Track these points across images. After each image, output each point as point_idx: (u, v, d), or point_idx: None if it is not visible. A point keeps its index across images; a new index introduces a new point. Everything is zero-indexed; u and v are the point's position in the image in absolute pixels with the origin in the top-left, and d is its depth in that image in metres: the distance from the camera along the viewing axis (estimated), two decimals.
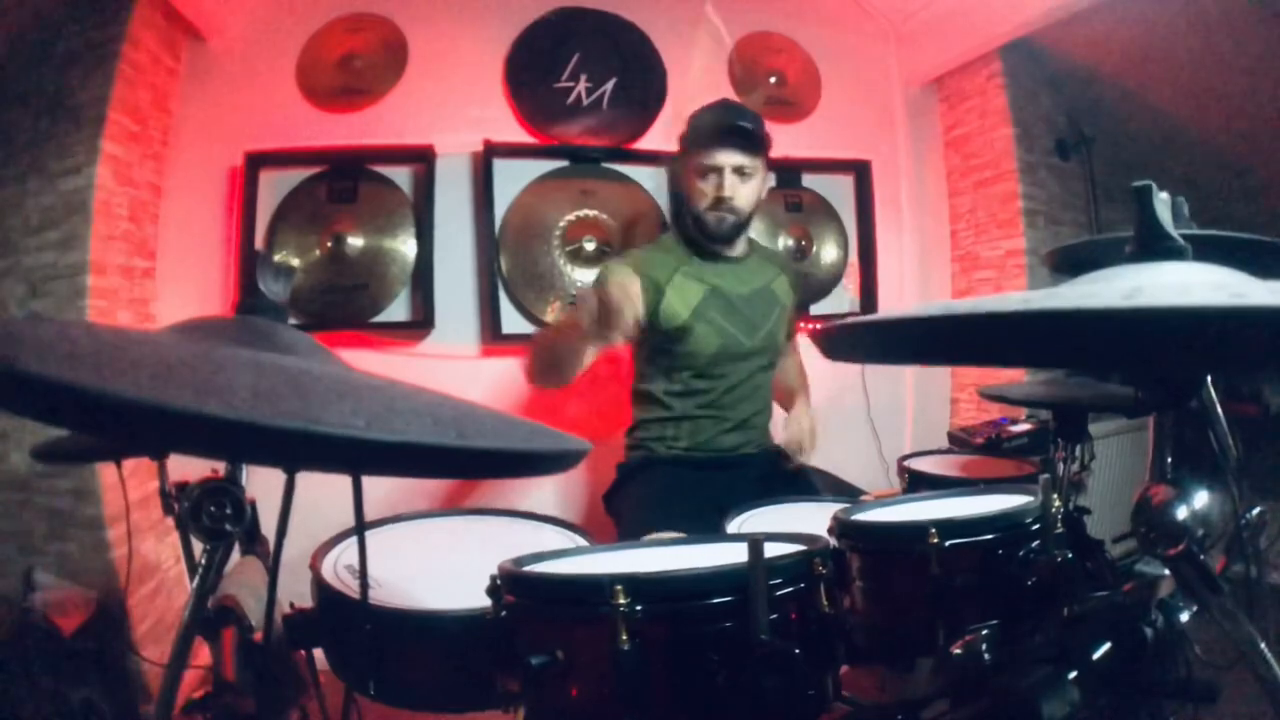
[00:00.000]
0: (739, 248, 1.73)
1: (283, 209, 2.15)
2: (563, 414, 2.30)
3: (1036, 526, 0.89)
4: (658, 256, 1.68)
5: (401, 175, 2.23)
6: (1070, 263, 1.32)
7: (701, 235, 1.67)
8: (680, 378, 1.66)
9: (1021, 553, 0.87)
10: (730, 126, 1.58)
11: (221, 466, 0.71)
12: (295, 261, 2.12)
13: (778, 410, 1.82)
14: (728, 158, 1.59)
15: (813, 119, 2.58)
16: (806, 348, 1.90)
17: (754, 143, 1.61)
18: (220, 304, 2.13)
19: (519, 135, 2.31)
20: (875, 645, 0.94)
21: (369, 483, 0.64)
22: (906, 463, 1.61)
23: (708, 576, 0.71)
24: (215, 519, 0.68)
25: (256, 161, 2.12)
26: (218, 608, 0.78)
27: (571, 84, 2.33)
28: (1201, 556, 0.67)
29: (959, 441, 1.90)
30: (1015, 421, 1.86)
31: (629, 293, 1.49)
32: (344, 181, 2.18)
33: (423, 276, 2.19)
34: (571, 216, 2.31)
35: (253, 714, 0.74)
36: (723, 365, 1.66)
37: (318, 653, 0.92)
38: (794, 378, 1.86)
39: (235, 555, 0.89)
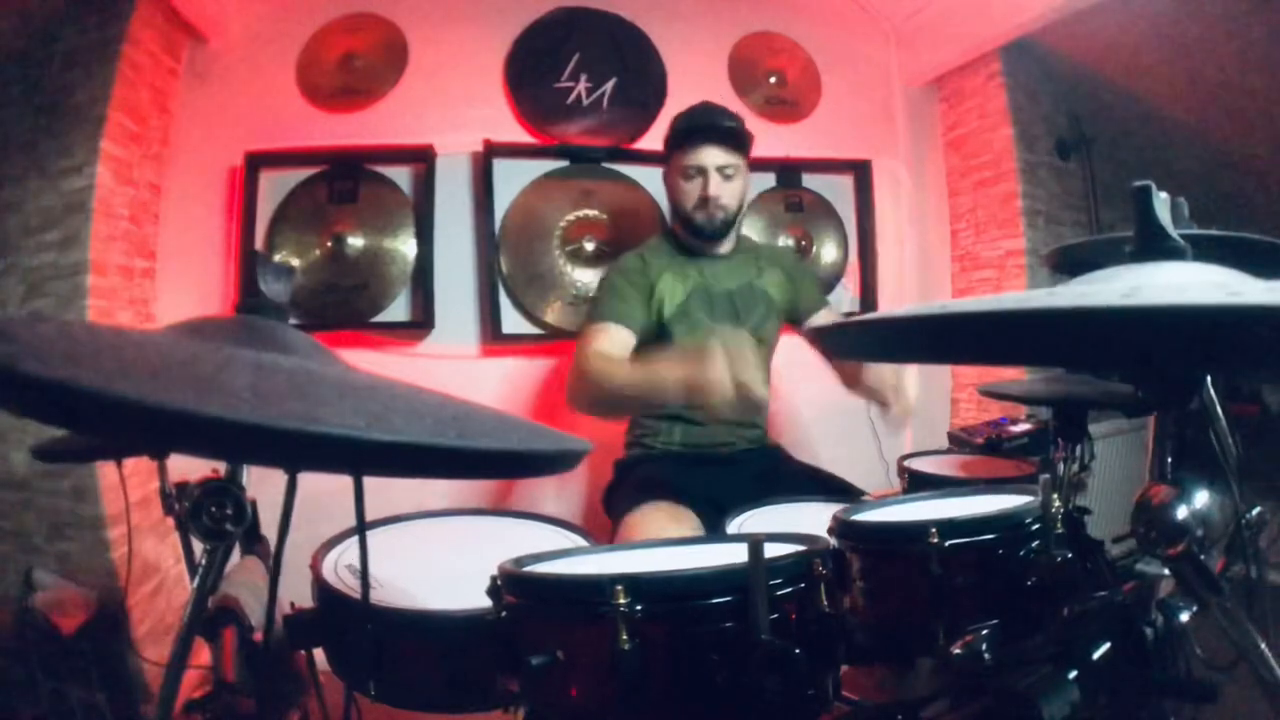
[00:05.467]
0: (726, 245, 1.73)
1: (283, 209, 2.15)
2: (563, 414, 2.30)
3: (1036, 526, 0.88)
4: (649, 257, 1.70)
5: (401, 175, 2.23)
6: (1070, 263, 1.32)
7: (690, 234, 1.68)
8: None
9: (1021, 553, 0.87)
10: (711, 126, 1.60)
11: (222, 466, 0.71)
12: (295, 261, 2.12)
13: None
14: (711, 158, 1.60)
15: (813, 119, 2.58)
16: (808, 348, 1.89)
17: (736, 141, 1.63)
18: (220, 304, 2.13)
19: (519, 135, 2.31)
20: (875, 645, 0.94)
21: (369, 483, 0.64)
22: (906, 463, 1.61)
23: (708, 576, 0.71)
24: (215, 519, 0.68)
25: (256, 161, 2.12)
26: (218, 608, 0.78)
27: (571, 84, 2.33)
28: (1201, 556, 0.67)
29: (959, 441, 1.89)
30: (1015, 421, 1.86)
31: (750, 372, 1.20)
32: (344, 181, 2.18)
33: (423, 276, 2.19)
34: (571, 216, 2.31)
35: (253, 714, 0.74)
36: None
37: (318, 653, 0.92)
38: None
39: (235, 555, 0.89)
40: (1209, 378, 0.79)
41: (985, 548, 0.87)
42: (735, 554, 0.71)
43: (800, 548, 0.82)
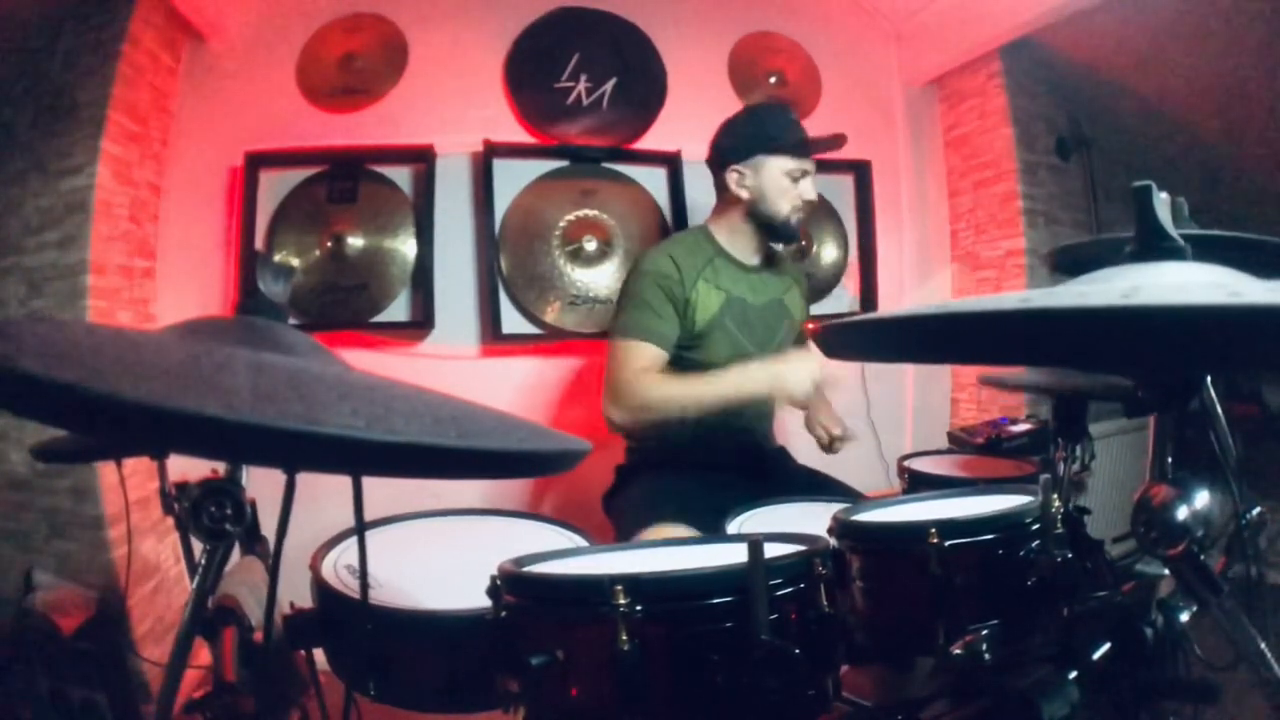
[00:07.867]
0: (757, 258, 1.72)
1: (283, 209, 2.15)
2: (563, 414, 2.30)
3: (1036, 526, 0.88)
4: (690, 254, 1.65)
5: (401, 175, 2.23)
6: (1070, 263, 1.32)
7: (770, 235, 1.69)
8: None
9: (1021, 553, 0.87)
10: (813, 136, 1.66)
11: (221, 466, 0.71)
12: (295, 261, 2.12)
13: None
14: (812, 165, 1.66)
15: (813, 119, 2.57)
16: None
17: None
18: (220, 304, 2.13)
19: (519, 135, 2.31)
20: (875, 645, 0.94)
21: (369, 483, 0.64)
22: (906, 463, 1.61)
23: (708, 576, 0.71)
24: (215, 519, 0.68)
25: (256, 161, 2.12)
26: (218, 608, 0.78)
27: (571, 84, 2.33)
28: (1201, 556, 0.67)
29: (959, 441, 1.89)
30: (1015, 421, 1.86)
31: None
32: (344, 181, 2.18)
33: (423, 276, 2.18)
34: (571, 216, 2.31)
35: (253, 714, 0.74)
36: None
37: (318, 653, 0.92)
38: None
39: (235, 555, 0.89)
40: (1209, 378, 0.79)
41: (985, 548, 0.87)
42: (735, 554, 0.71)
43: (800, 548, 0.82)
